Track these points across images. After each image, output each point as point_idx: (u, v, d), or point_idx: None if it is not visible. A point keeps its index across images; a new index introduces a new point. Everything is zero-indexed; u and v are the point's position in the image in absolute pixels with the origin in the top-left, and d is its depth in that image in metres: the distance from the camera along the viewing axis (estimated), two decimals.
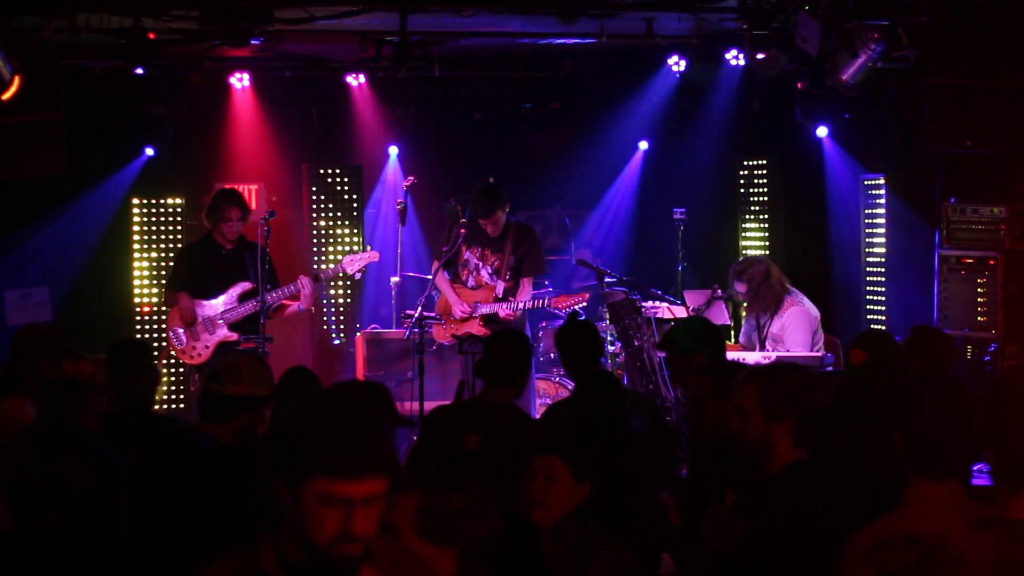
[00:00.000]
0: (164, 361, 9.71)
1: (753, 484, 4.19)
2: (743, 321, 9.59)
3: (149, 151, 10.81)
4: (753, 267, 9.08)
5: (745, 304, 9.31)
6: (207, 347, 8.55)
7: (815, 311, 9.05)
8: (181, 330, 8.61)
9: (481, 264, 8.82)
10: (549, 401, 9.14)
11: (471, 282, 8.85)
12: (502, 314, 8.64)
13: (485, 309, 8.72)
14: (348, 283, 11.21)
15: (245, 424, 4.67)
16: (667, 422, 6.41)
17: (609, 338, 9.43)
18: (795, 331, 8.90)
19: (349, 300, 11.26)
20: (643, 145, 11.76)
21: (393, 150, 11.47)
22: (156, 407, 9.34)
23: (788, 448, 4.12)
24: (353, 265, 8.95)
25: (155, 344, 10.59)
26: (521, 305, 8.68)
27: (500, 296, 8.75)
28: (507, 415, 5.48)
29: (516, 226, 8.83)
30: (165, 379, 10.35)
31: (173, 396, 10.50)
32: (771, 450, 4.13)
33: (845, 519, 3.89)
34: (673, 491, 5.21)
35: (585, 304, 8.79)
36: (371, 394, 4.57)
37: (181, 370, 10.33)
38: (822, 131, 10.41)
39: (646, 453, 5.34)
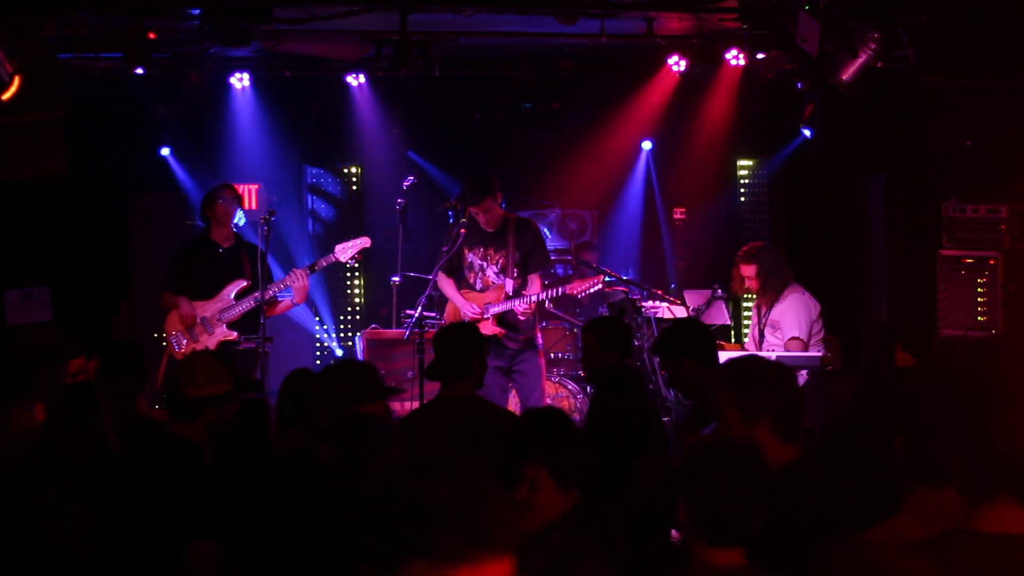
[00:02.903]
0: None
1: None
2: (746, 318, 9.57)
3: (165, 151, 10.86)
4: (765, 252, 9.01)
5: (752, 292, 9.19)
6: (207, 348, 8.51)
7: (815, 302, 9.05)
8: (180, 334, 8.59)
9: (485, 264, 8.53)
10: (549, 401, 9.12)
11: (478, 284, 8.55)
12: (518, 310, 8.33)
13: (497, 308, 8.38)
14: (347, 281, 11.22)
15: (211, 422, 4.73)
16: (663, 426, 6.38)
17: None
18: (789, 314, 8.86)
19: (349, 300, 11.26)
20: (647, 145, 11.76)
21: (409, 152, 11.52)
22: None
23: (776, 446, 4.01)
24: (345, 253, 8.87)
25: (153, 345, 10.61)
26: (535, 297, 8.36)
27: (511, 294, 8.41)
28: (472, 410, 5.48)
29: (516, 220, 8.58)
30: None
31: None
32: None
33: (840, 519, 3.86)
34: None
35: (601, 286, 8.58)
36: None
37: None
38: (814, 132, 10.43)
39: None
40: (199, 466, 4.64)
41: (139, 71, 9.11)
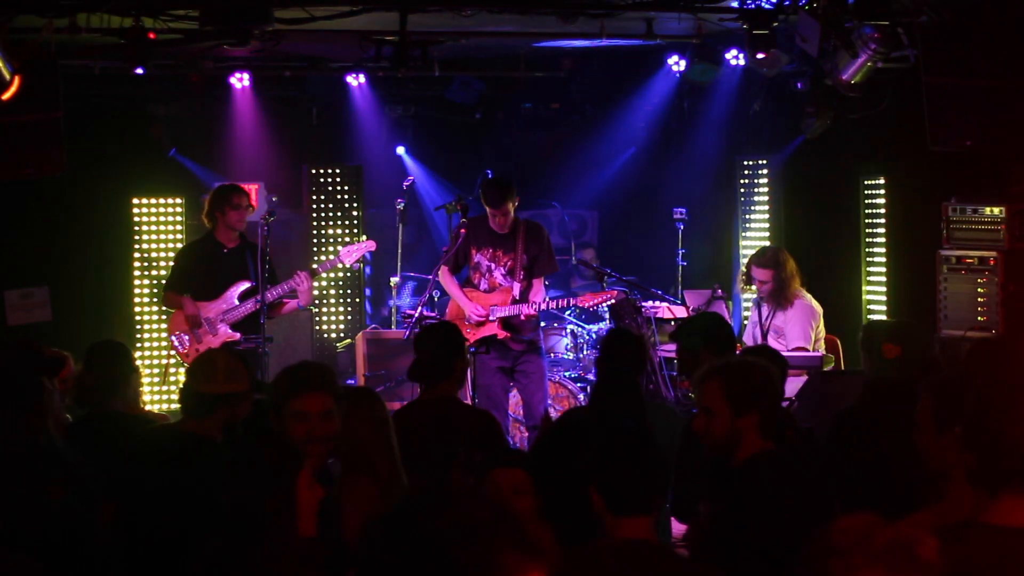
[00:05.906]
0: (168, 364, 9.66)
1: (721, 475, 4.20)
2: (746, 318, 9.56)
3: (172, 151, 10.91)
4: (785, 261, 8.94)
5: (760, 295, 9.10)
6: (210, 348, 8.50)
7: (817, 305, 9.04)
8: (183, 334, 8.58)
9: (493, 265, 8.51)
10: (550, 402, 9.10)
11: (484, 285, 8.53)
12: (523, 315, 8.33)
13: (503, 312, 8.35)
14: (348, 281, 11.22)
15: (225, 419, 4.70)
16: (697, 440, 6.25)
17: None
18: (796, 323, 8.84)
19: (349, 300, 11.26)
20: (644, 145, 11.75)
21: (400, 149, 11.51)
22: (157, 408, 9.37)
23: (756, 441, 4.14)
24: (350, 256, 8.87)
25: (151, 346, 10.61)
26: (541, 305, 8.35)
27: (518, 298, 8.40)
28: (454, 412, 5.50)
29: (526, 224, 8.57)
30: (170, 382, 10.33)
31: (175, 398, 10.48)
32: (739, 444, 4.14)
33: (818, 504, 3.93)
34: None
35: (613, 302, 8.58)
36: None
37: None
38: (814, 131, 10.42)
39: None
40: (216, 462, 4.61)
41: (139, 71, 9.10)
